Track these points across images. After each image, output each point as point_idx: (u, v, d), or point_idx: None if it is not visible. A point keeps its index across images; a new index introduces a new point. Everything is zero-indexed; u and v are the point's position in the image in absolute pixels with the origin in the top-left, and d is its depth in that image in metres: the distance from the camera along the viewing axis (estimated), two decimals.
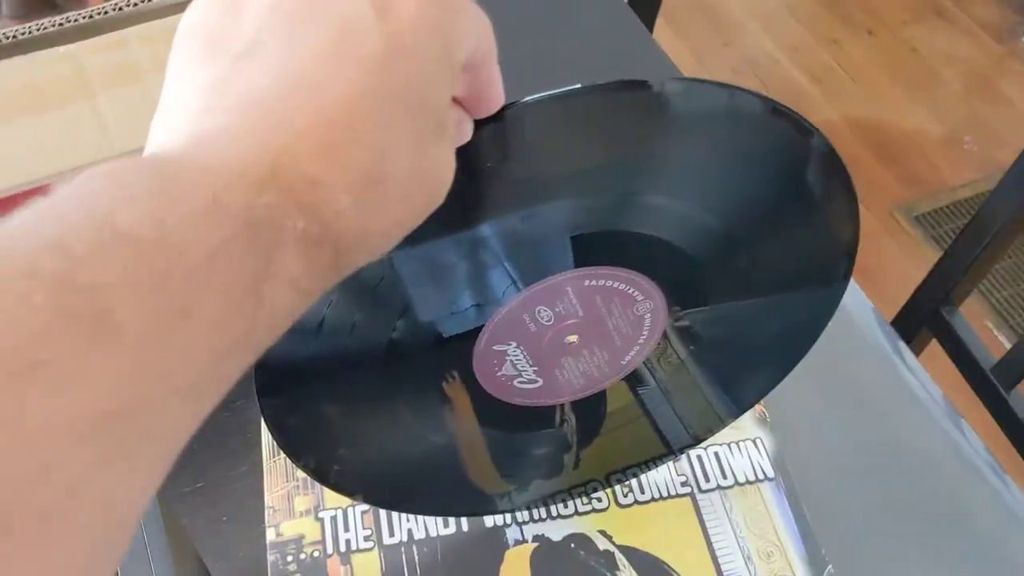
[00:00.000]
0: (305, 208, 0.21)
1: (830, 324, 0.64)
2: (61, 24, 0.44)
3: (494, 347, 0.40)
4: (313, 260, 0.22)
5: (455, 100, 0.29)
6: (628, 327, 0.42)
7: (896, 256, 1.55)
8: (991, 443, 0.81)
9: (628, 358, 0.44)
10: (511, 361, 0.42)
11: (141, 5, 0.46)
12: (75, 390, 0.16)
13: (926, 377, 0.61)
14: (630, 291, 0.40)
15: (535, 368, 0.43)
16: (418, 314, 0.38)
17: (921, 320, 0.81)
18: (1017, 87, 1.82)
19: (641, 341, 0.43)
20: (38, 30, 0.44)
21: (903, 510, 0.55)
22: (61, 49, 0.45)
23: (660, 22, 1.88)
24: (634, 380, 0.46)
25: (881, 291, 1.52)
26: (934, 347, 0.84)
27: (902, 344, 0.63)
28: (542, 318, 0.40)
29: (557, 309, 0.40)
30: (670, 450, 0.51)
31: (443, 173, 0.26)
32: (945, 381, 0.92)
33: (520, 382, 0.43)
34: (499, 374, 0.42)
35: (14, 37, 0.45)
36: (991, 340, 1.44)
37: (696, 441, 0.51)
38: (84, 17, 0.45)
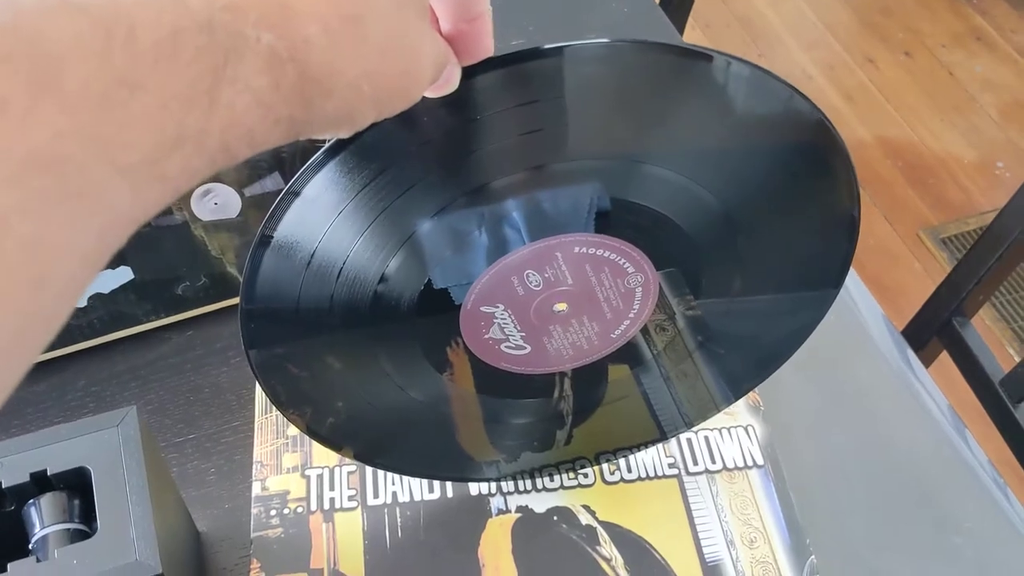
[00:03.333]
0: (271, 25, 0.22)
1: (839, 327, 0.63)
2: None
3: (481, 308, 0.41)
4: (278, 78, 0.22)
5: (443, 35, 0.30)
6: (618, 300, 0.42)
7: (920, 277, 1.53)
8: (997, 457, 0.80)
9: (618, 332, 0.44)
10: (499, 324, 0.42)
11: None
12: (8, 129, 0.17)
13: (932, 385, 0.61)
14: (621, 262, 0.40)
15: (523, 334, 0.43)
16: (435, 282, 0.39)
17: (932, 330, 0.80)
18: None
19: (632, 316, 0.43)
20: None
21: (894, 510, 0.54)
22: None
23: (695, 30, 1.88)
24: (636, 363, 0.46)
25: (901, 310, 1.50)
26: (945, 360, 0.83)
27: (911, 352, 0.62)
28: (531, 283, 0.40)
29: (546, 275, 0.40)
30: (662, 434, 0.51)
31: (422, 58, 0.26)
32: (954, 394, 0.91)
33: (507, 347, 0.43)
34: (486, 336, 0.42)
35: None
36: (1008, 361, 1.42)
37: (689, 426, 0.51)
38: None
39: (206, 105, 0.20)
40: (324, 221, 0.35)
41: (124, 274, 0.55)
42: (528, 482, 0.52)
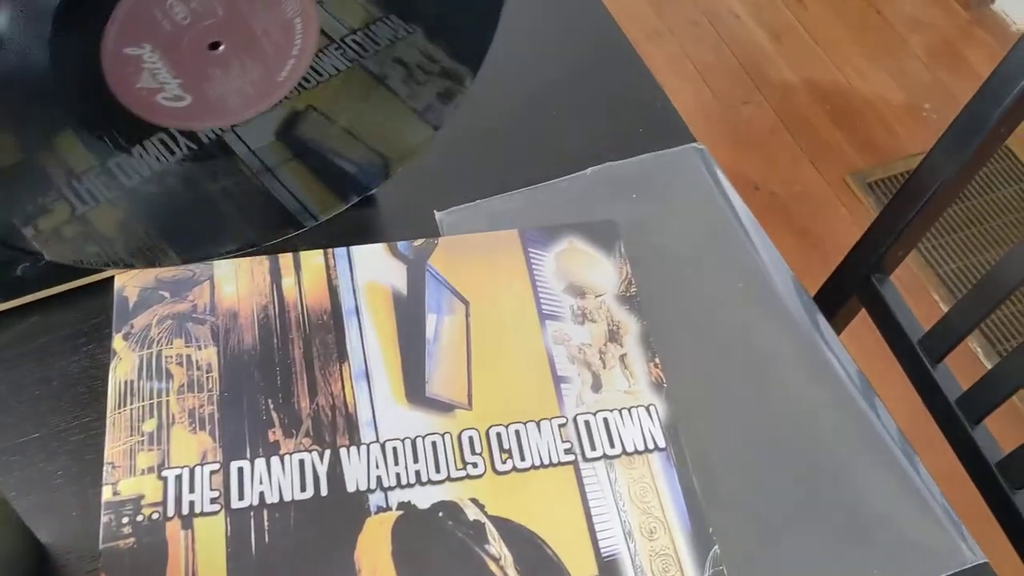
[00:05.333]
0: None
1: (747, 287, 0.60)
2: None
3: (125, 50, 0.35)
4: None
5: None
6: (278, 33, 0.37)
7: (846, 223, 1.52)
8: (913, 418, 0.78)
9: (284, 74, 0.39)
10: (149, 70, 0.36)
11: None
12: None
13: (842, 351, 0.58)
14: None
15: (179, 81, 0.37)
16: None
17: (851, 287, 0.77)
18: (982, 56, 1.78)
19: (295, 53, 0.38)
20: None
21: (802, 489, 0.51)
22: None
23: None
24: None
25: (826, 258, 1.48)
26: (865, 316, 0.80)
27: (820, 316, 0.59)
28: (176, 14, 0.35)
29: (192, 5, 0.35)
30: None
31: None
32: (874, 352, 0.88)
33: (165, 98, 0.38)
34: (138, 86, 0.37)
35: None
36: (935, 312, 1.42)
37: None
38: None
39: None
40: None
41: None
42: (412, 475, 0.48)
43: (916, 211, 0.70)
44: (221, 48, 0.36)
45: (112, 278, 0.50)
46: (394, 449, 0.48)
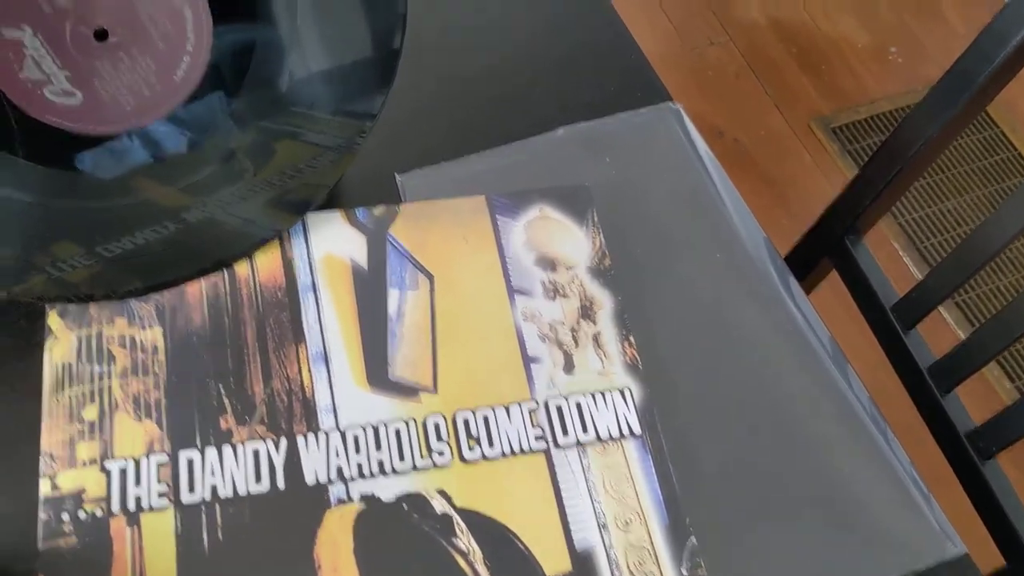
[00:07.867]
0: None
1: (719, 254, 0.57)
2: None
3: (4, 32, 0.32)
4: None
5: None
6: (168, 23, 0.34)
7: (810, 170, 1.50)
8: (883, 384, 0.77)
9: (180, 73, 0.36)
10: (32, 57, 0.33)
11: None
12: None
13: (815, 318, 0.56)
14: None
15: (67, 73, 0.34)
16: None
17: (824, 249, 0.75)
18: (951, 1, 1.76)
19: (190, 49, 0.35)
20: None
21: (779, 477, 0.49)
22: None
23: None
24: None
25: (790, 205, 1.46)
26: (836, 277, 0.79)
27: (793, 280, 0.57)
28: None
29: None
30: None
31: None
32: (838, 313, 0.87)
33: (53, 93, 0.34)
34: (23, 75, 0.34)
35: None
36: (897, 263, 1.41)
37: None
38: None
39: None
40: None
41: None
42: (375, 466, 0.45)
43: (897, 171, 0.67)
44: (109, 39, 0.32)
45: None
46: (355, 437, 0.45)
